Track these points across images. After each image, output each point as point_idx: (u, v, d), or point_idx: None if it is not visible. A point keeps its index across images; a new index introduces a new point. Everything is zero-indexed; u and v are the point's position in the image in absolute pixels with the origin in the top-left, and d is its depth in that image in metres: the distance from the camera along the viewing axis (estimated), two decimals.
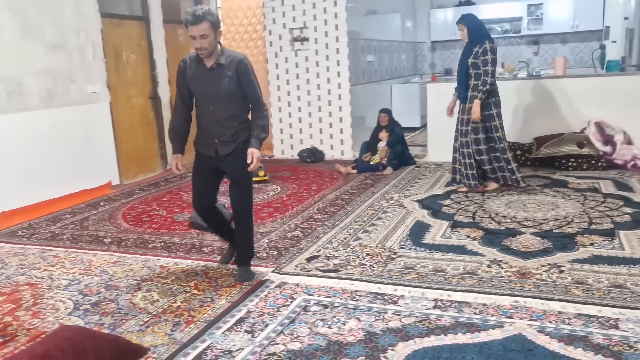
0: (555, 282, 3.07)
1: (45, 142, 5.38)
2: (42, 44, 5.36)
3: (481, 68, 4.90)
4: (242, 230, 3.41)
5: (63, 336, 2.29)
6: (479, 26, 5.04)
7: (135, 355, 2.45)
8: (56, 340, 2.25)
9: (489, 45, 4.88)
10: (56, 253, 4.07)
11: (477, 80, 4.96)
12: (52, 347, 2.19)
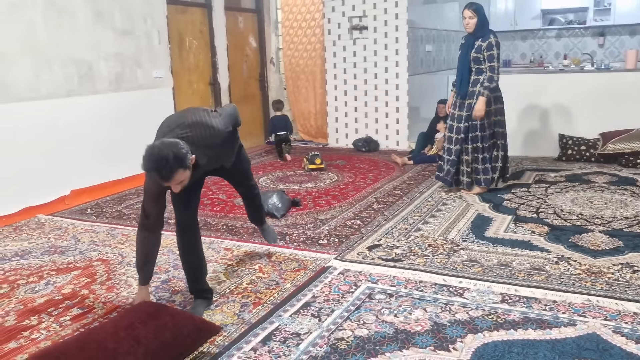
0: (629, 282, 2.97)
1: (112, 124, 5.57)
2: (112, 29, 5.53)
3: (485, 63, 4.57)
4: (261, 204, 3.46)
5: (145, 311, 2.39)
6: (486, 18, 4.71)
7: (209, 333, 2.52)
8: (139, 314, 2.35)
9: (494, 40, 4.56)
10: (124, 232, 4.23)
11: (477, 75, 4.63)
12: (135, 319, 2.29)
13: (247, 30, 7.80)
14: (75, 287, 3.20)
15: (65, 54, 5.08)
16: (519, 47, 10.85)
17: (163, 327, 2.29)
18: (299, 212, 4.55)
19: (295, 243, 3.80)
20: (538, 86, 6.42)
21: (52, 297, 3.07)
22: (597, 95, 6.15)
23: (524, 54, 10.78)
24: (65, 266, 3.54)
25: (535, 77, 6.72)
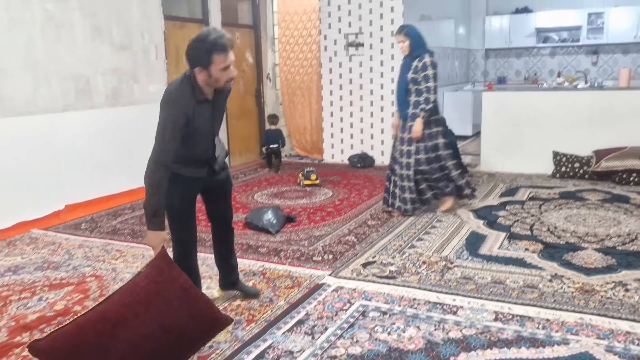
0: (622, 301, 2.98)
1: (108, 139, 5.58)
2: (110, 44, 5.57)
3: (422, 84, 4.52)
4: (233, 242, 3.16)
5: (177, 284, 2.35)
6: (419, 38, 4.62)
7: (221, 325, 2.52)
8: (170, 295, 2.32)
9: (429, 60, 4.50)
10: (118, 247, 4.22)
11: (418, 96, 4.56)
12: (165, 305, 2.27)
13: (244, 46, 7.86)
14: (67, 304, 3.19)
15: (63, 69, 5.11)
16: (514, 64, 10.96)
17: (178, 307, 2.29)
18: (294, 228, 4.56)
19: (290, 259, 3.80)
20: (532, 103, 6.48)
21: (44, 314, 3.06)
22: (591, 113, 6.20)
23: (519, 71, 10.90)
24: (58, 282, 3.53)
25: (529, 94, 6.78)
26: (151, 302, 2.25)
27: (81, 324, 2.15)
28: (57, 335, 2.10)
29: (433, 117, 4.65)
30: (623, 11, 9.46)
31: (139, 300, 2.24)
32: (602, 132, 6.11)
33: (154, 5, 6.07)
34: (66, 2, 5.11)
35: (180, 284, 2.36)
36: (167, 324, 2.26)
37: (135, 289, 2.27)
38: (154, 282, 2.30)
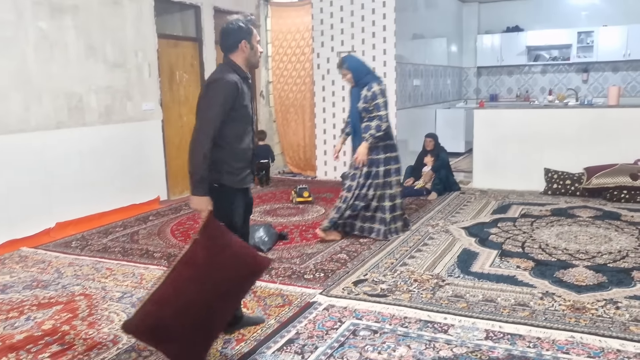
0: (613, 319, 2.98)
1: (100, 156, 5.58)
2: (103, 63, 5.59)
3: (374, 112, 4.49)
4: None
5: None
6: (361, 67, 4.62)
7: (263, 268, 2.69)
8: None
9: (378, 88, 4.46)
10: (109, 265, 4.19)
11: (369, 122, 4.55)
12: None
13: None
14: (56, 323, 3.15)
15: (55, 87, 5.12)
16: (506, 82, 11.07)
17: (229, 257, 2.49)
18: (286, 245, 4.55)
19: (281, 278, 3.79)
20: (524, 121, 6.53)
21: (32, 334, 3.02)
22: (582, 130, 6.26)
23: (510, 89, 11.00)
24: (47, 301, 3.50)
25: (521, 111, 6.84)
26: (211, 268, 2.43)
27: (157, 300, 2.33)
28: (142, 313, 2.31)
29: (382, 143, 4.60)
30: (612, 30, 9.60)
31: (202, 267, 2.42)
32: (593, 149, 6.15)
33: (148, 23, 6.11)
34: (60, 20, 5.14)
35: (229, 244, 2.56)
36: (225, 283, 2.48)
37: (194, 257, 2.42)
38: (209, 248, 2.45)
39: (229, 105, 2.65)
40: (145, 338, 2.40)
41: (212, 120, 2.62)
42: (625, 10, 9.57)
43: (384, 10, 7.12)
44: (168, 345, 2.38)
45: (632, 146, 5.99)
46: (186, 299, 2.36)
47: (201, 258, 2.41)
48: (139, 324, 2.33)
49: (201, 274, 2.41)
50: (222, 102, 2.62)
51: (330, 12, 7.48)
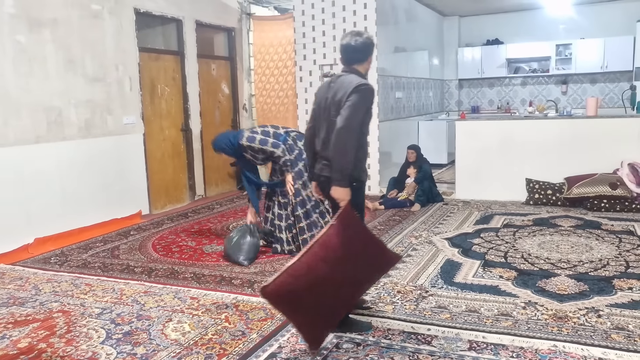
0: (594, 327, 2.99)
1: (80, 170, 5.51)
2: (83, 76, 5.55)
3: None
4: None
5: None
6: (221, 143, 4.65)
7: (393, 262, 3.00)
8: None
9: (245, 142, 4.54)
10: (88, 281, 4.12)
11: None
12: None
13: (220, 77, 7.90)
14: (32, 341, 3.08)
15: (34, 101, 5.06)
16: (487, 94, 11.20)
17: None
18: (269, 259, 4.51)
19: None
20: (505, 132, 6.59)
21: (7, 352, 2.95)
22: (562, 140, 6.34)
23: (492, 101, 11.13)
24: (24, 318, 3.42)
25: (501, 123, 6.92)
26: (343, 251, 2.67)
27: (293, 273, 2.56)
28: (278, 282, 2.53)
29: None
30: (589, 43, 9.78)
31: (335, 251, 2.65)
32: (573, 159, 6.23)
33: (129, 37, 6.09)
34: (39, 34, 5.10)
35: (361, 233, 2.82)
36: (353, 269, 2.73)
37: (329, 241, 2.65)
38: (343, 234, 2.68)
39: (369, 109, 2.94)
40: (278, 304, 2.64)
41: (359, 122, 2.86)
42: (602, 24, 9.77)
43: (365, 23, 7.18)
44: (295, 314, 2.64)
45: (610, 156, 6.08)
46: (317, 276, 2.60)
47: (335, 243, 2.65)
48: (274, 291, 2.55)
49: (333, 256, 2.65)
50: (368, 106, 2.90)
51: (312, 25, 7.53)
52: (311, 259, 2.61)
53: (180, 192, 7.08)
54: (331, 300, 2.71)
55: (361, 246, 2.77)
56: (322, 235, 2.66)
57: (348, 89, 2.87)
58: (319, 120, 3.09)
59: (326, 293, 2.65)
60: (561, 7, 9.92)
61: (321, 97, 3.09)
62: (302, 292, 2.58)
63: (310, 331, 2.68)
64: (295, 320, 2.66)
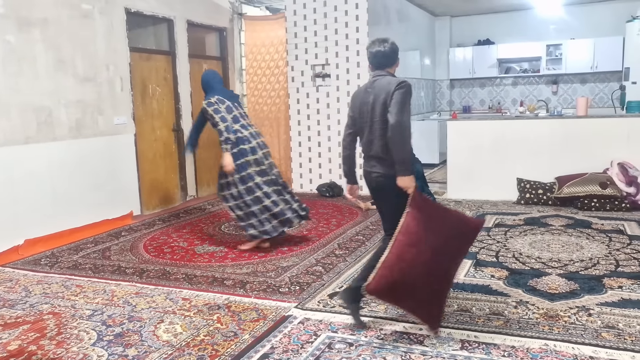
0: (585, 326, 3.01)
1: (71, 171, 5.48)
2: (73, 76, 5.51)
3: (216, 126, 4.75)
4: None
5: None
6: (205, 83, 4.90)
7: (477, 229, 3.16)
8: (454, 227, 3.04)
9: (205, 103, 4.72)
10: (79, 282, 4.09)
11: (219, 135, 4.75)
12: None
13: None
14: (22, 343, 3.05)
15: (24, 101, 5.02)
16: (478, 93, 11.25)
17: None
18: (261, 259, 4.50)
19: (256, 292, 3.74)
20: (496, 132, 6.62)
21: None
22: (552, 140, 6.37)
23: (483, 100, 11.18)
24: (14, 321, 3.39)
25: (493, 123, 6.94)
26: (425, 232, 2.89)
27: (387, 266, 2.82)
28: (377, 277, 2.79)
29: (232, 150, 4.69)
30: (579, 43, 9.85)
31: (417, 233, 2.88)
32: (564, 159, 6.27)
33: (120, 37, 6.06)
34: (28, 34, 5.06)
35: (435, 210, 3.09)
36: (440, 243, 2.92)
37: (409, 226, 2.89)
38: (420, 216, 2.92)
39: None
40: (384, 297, 2.90)
41: (408, 116, 3.10)
42: (592, 24, 9.85)
43: (357, 23, 7.19)
44: (403, 302, 2.88)
45: (600, 155, 6.12)
46: (408, 261, 2.83)
47: (414, 226, 2.89)
48: (376, 286, 2.81)
49: (416, 239, 2.87)
50: (410, 101, 3.14)
51: (304, 25, 7.52)
52: (398, 248, 2.85)
53: (171, 192, 7.05)
54: (430, 279, 2.90)
55: (440, 222, 3.01)
56: (402, 224, 2.91)
57: (390, 89, 3.10)
58: (360, 124, 3.27)
59: (422, 274, 2.86)
60: (551, 7, 9.99)
61: (361, 103, 3.25)
62: (400, 280, 2.82)
63: (424, 312, 2.92)
64: (406, 306, 2.92)
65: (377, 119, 3.14)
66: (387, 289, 2.83)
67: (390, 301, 2.94)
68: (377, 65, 3.29)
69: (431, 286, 2.92)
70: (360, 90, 3.32)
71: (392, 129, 3.01)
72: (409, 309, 2.92)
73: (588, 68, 9.91)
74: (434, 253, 2.90)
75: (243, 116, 4.91)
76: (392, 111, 3.03)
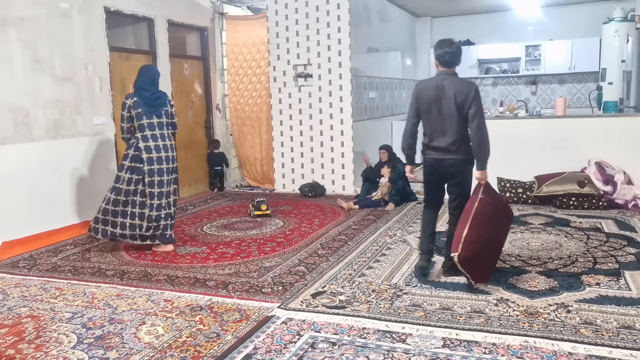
0: (564, 322, 3.06)
1: (50, 172, 5.40)
2: (51, 76, 5.43)
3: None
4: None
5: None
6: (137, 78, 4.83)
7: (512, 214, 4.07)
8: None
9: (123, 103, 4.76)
10: (58, 285, 4.03)
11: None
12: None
13: (193, 77, 7.82)
14: (0, 347, 3.00)
15: (0, 101, 4.93)
16: None
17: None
18: (243, 260, 4.49)
19: (238, 292, 3.73)
20: None
21: None
22: (531, 140, 6.46)
23: None
24: None
25: None
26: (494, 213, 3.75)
27: (469, 240, 3.54)
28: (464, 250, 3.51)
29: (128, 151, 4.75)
30: (557, 44, 9.99)
31: (489, 215, 3.68)
32: (543, 158, 6.36)
33: (99, 36, 5.98)
34: (4, 33, 4.97)
35: (496, 196, 3.99)
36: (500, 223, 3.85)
37: (484, 209, 3.66)
38: (491, 201, 3.75)
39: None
40: (467, 265, 3.53)
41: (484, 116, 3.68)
42: (569, 26, 10.00)
43: (338, 23, 7.21)
44: (474, 268, 3.57)
45: (578, 154, 6.22)
46: (484, 236, 3.62)
47: (488, 209, 3.67)
48: (466, 255, 3.51)
49: (488, 219, 3.66)
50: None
51: (286, 25, 7.52)
52: (476, 228, 3.57)
53: None
54: (494, 249, 3.81)
55: (499, 206, 3.86)
56: (475, 208, 3.63)
57: (469, 90, 3.65)
58: (428, 117, 3.77)
59: (491, 246, 3.73)
60: (530, 9, 10.12)
61: (431, 97, 3.72)
62: (478, 251, 3.56)
63: (484, 274, 3.67)
64: (473, 273, 3.57)
65: (453, 114, 3.67)
66: (471, 257, 3.53)
67: (466, 268, 3.54)
68: (445, 64, 3.72)
69: (494, 255, 3.81)
70: (428, 86, 3.75)
71: (478, 129, 3.62)
72: (474, 275, 3.58)
73: (566, 69, 10.05)
74: (499, 231, 3.80)
75: (163, 125, 4.80)
76: (476, 115, 3.63)
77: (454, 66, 3.75)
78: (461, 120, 3.68)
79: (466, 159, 3.75)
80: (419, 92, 3.78)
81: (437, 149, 3.80)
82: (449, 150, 3.75)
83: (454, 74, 3.75)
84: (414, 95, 3.83)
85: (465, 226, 3.59)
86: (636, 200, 5.76)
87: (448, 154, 3.75)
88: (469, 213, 3.64)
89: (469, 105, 3.62)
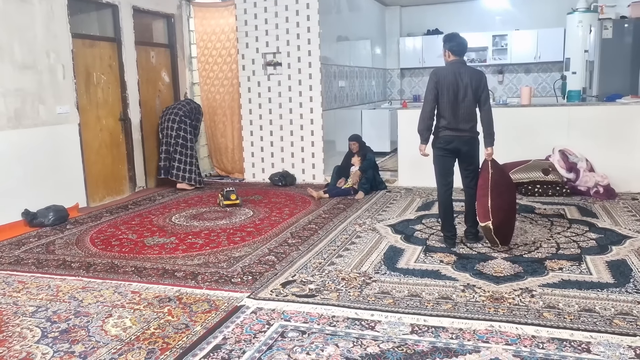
0: (528, 307, 3.13)
1: (11, 163, 5.24)
2: (11, 64, 5.26)
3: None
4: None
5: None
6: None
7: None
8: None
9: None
10: (21, 278, 3.93)
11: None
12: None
13: (160, 65, 7.68)
14: None
15: None
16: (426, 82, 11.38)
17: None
18: (212, 250, 4.46)
19: (208, 282, 3.70)
20: None
21: None
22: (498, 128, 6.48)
23: None
24: None
25: None
26: (504, 183, 4.37)
27: (498, 209, 4.12)
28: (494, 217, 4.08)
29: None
30: (523, 34, 10.15)
31: (500, 186, 4.24)
32: (509, 147, 6.43)
33: (61, 23, 5.81)
34: None
35: (506, 172, 4.64)
36: (510, 191, 4.43)
37: (498, 181, 4.24)
38: (500, 174, 4.30)
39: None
40: (497, 232, 4.11)
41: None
42: (535, 16, 10.17)
43: (307, 12, 7.16)
44: (503, 233, 4.18)
45: (543, 143, 6.35)
46: (505, 204, 4.22)
47: (500, 181, 4.25)
48: (498, 223, 4.09)
49: (503, 190, 4.24)
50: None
51: (254, 13, 7.44)
52: (496, 197, 4.13)
53: (119, 183, 6.86)
54: (511, 215, 4.36)
55: (506, 177, 4.56)
56: (490, 181, 4.16)
57: (481, 77, 4.24)
58: (447, 101, 4.20)
59: (508, 212, 4.30)
60: None
61: (450, 83, 4.19)
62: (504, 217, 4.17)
63: (508, 238, 4.26)
64: (500, 236, 4.15)
65: (469, 97, 4.19)
66: (500, 223, 4.09)
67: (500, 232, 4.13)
68: (458, 53, 4.27)
69: (511, 220, 4.37)
70: (447, 73, 4.22)
71: (488, 111, 4.25)
72: (500, 238, 4.15)
73: (532, 58, 10.23)
74: (510, 197, 4.36)
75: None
76: (487, 98, 4.28)
77: (464, 55, 4.31)
78: (474, 103, 4.23)
79: (476, 137, 4.33)
80: (439, 79, 4.22)
81: (454, 129, 4.25)
82: (464, 129, 4.25)
83: (465, 62, 4.31)
84: (434, 81, 4.25)
85: (487, 198, 4.10)
86: (598, 187, 5.92)
87: (464, 132, 4.26)
88: (486, 186, 4.15)
89: (482, 90, 4.21)
